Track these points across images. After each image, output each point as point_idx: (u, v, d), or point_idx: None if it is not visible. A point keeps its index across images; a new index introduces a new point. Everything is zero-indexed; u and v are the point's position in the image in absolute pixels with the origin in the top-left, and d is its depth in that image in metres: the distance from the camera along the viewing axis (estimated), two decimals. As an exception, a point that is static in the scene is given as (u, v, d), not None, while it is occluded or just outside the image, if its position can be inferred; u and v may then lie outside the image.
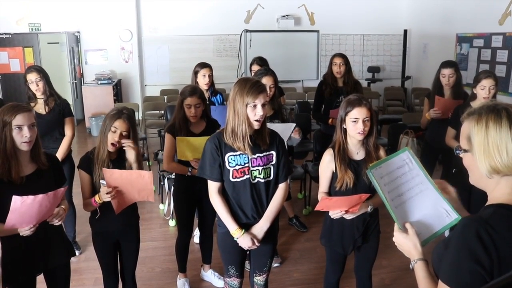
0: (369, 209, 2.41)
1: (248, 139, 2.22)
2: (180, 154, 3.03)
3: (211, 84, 3.97)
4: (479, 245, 1.17)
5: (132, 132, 2.48)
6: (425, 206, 1.58)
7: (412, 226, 1.48)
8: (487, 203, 1.29)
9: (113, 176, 2.34)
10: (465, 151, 1.31)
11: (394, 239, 1.51)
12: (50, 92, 3.67)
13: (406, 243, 1.46)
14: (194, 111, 3.03)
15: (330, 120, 4.28)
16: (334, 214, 2.33)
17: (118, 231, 2.64)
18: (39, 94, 3.62)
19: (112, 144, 2.44)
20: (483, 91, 3.41)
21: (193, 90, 3.09)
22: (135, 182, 2.39)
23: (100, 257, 2.69)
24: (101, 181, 2.41)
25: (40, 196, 1.97)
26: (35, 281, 2.38)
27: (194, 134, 3.08)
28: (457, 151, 1.34)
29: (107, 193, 2.34)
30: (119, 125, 2.43)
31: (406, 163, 1.69)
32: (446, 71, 3.90)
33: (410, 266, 1.44)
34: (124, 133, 2.44)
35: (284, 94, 4.79)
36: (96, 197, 2.43)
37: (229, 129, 2.24)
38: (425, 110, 4.16)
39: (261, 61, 4.50)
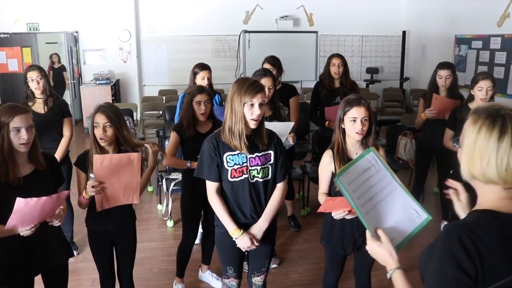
0: None
1: (245, 138, 2.22)
2: None
3: (210, 85, 3.98)
4: (463, 253, 1.13)
5: (111, 123, 2.43)
6: (395, 208, 1.54)
7: (385, 233, 1.42)
8: (474, 208, 1.26)
9: (103, 163, 2.31)
10: (460, 146, 1.28)
11: (367, 247, 1.45)
12: (50, 92, 3.66)
13: (380, 251, 1.41)
14: (204, 108, 3.08)
15: (326, 123, 4.26)
16: (337, 214, 2.33)
17: (113, 231, 2.63)
18: (38, 93, 3.60)
19: (101, 139, 2.44)
20: (481, 92, 3.41)
21: (201, 88, 3.21)
22: (123, 170, 2.37)
23: (96, 257, 2.69)
24: (91, 174, 2.42)
25: (43, 198, 1.96)
26: (33, 282, 2.37)
27: (201, 133, 3.10)
28: (455, 144, 1.31)
29: (92, 187, 2.32)
30: (99, 119, 2.44)
31: (372, 165, 1.64)
32: (443, 73, 3.90)
33: (388, 276, 1.38)
34: (106, 125, 2.43)
35: (297, 94, 4.33)
36: (84, 192, 2.42)
37: (226, 127, 2.25)
38: (420, 110, 4.15)
39: (273, 60, 4.19)
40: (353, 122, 2.37)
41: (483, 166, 1.18)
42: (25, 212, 1.96)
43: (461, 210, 1.54)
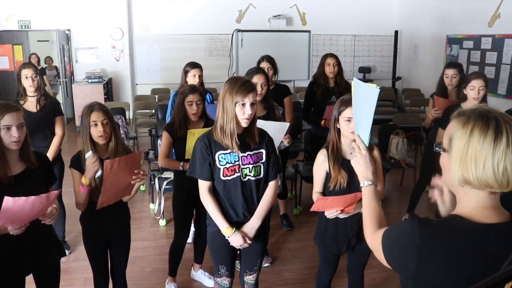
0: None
1: (236, 137, 2.23)
2: (189, 151, 3.00)
3: (201, 84, 3.97)
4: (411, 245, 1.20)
5: (108, 119, 2.46)
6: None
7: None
8: (453, 212, 1.25)
9: (113, 167, 2.30)
10: (444, 150, 1.23)
11: (360, 156, 1.59)
12: (44, 91, 3.65)
13: (370, 165, 1.58)
14: (196, 108, 3.07)
15: (322, 122, 4.26)
16: (330, 214, 2.34)
17: (108, 230, 2.63)
18: (32, 91, 3.57)
19: (100, 136, 2.44)
20: (473, 91, 3.45)
21: (194, 87, 3.19)
22: (128, 170, 2.39)
23: (90, 255, 2.68)
24: (86, 154, 2.41)
25: (32, 197, 1.94)
26: (24, 282, 2.35)
27: None
28: (437, 148, 1.26)
29: (92, 162, 2.36)
30: (96, 117, 2.43)
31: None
32: (450, 72, 4.00)
33: (365, 183, 1.56)
34: (104, 122, 2.44)
35: (291, 94, 4.32)
36: (82, 179, 2.41)
37: (218, 126, 2.26)
38: (429, 110, 4.23)
39: (271, 59, 4.19)
40: (348, 122, 2.37)
41: (479, 170, 1.12)
42: (13, 212, 1.94)
43: (444, 211, 1.50)
